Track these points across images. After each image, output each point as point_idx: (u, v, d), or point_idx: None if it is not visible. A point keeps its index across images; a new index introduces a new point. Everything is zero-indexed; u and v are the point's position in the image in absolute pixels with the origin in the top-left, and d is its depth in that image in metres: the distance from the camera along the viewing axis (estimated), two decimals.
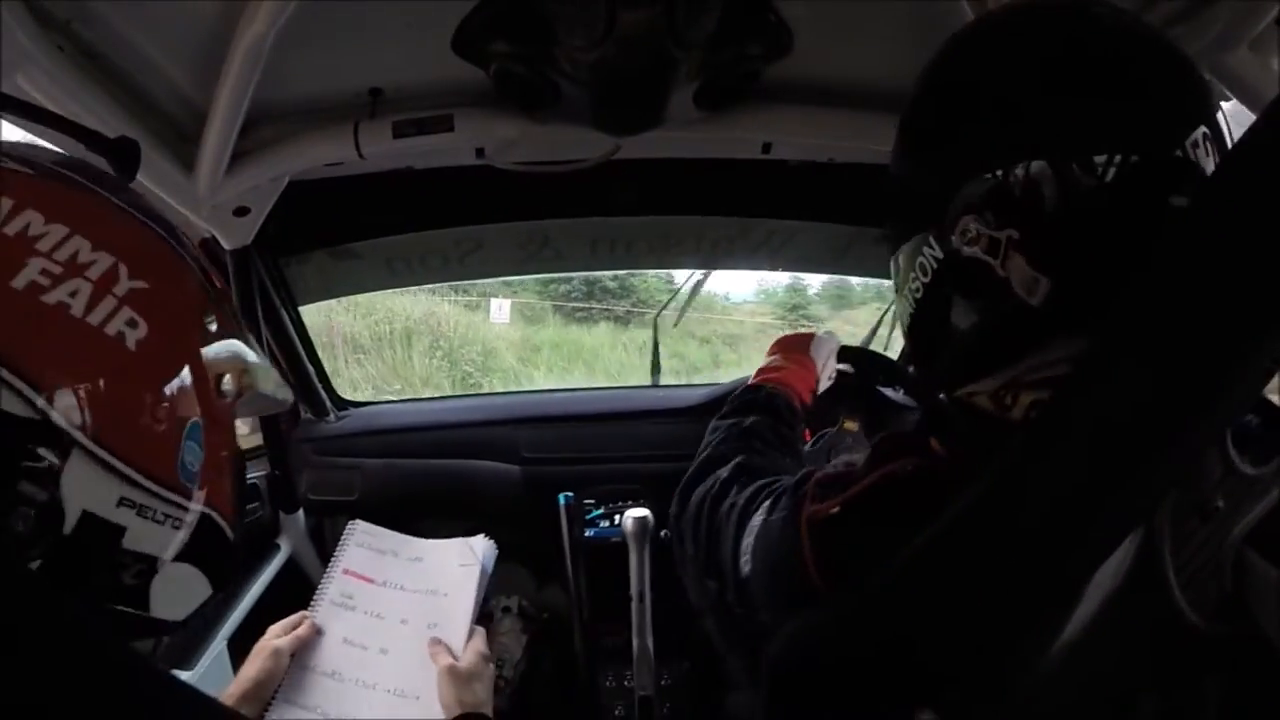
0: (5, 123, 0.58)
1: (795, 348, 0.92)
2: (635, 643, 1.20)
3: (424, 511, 1.47)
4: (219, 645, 1.14)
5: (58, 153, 0.44)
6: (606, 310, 7.23)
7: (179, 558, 0.41)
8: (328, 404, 1.56)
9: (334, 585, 0.85)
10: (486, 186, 1.19)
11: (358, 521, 0.91)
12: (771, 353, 0.93)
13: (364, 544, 0.89)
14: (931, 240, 0.49)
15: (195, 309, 0.44)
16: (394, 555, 0.88)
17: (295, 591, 1.37)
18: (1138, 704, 0.41)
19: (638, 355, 6.07)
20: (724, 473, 0.69)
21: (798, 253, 1.51)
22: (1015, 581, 0.40)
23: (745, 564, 0.57)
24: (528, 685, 1.44)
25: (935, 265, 0.49)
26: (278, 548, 1.41)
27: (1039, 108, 0.45)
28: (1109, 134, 0.43)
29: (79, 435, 0.35)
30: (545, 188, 1.17)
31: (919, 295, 0.51)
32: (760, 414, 0.79)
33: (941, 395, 0.54)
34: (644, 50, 0.80)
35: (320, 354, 1.55)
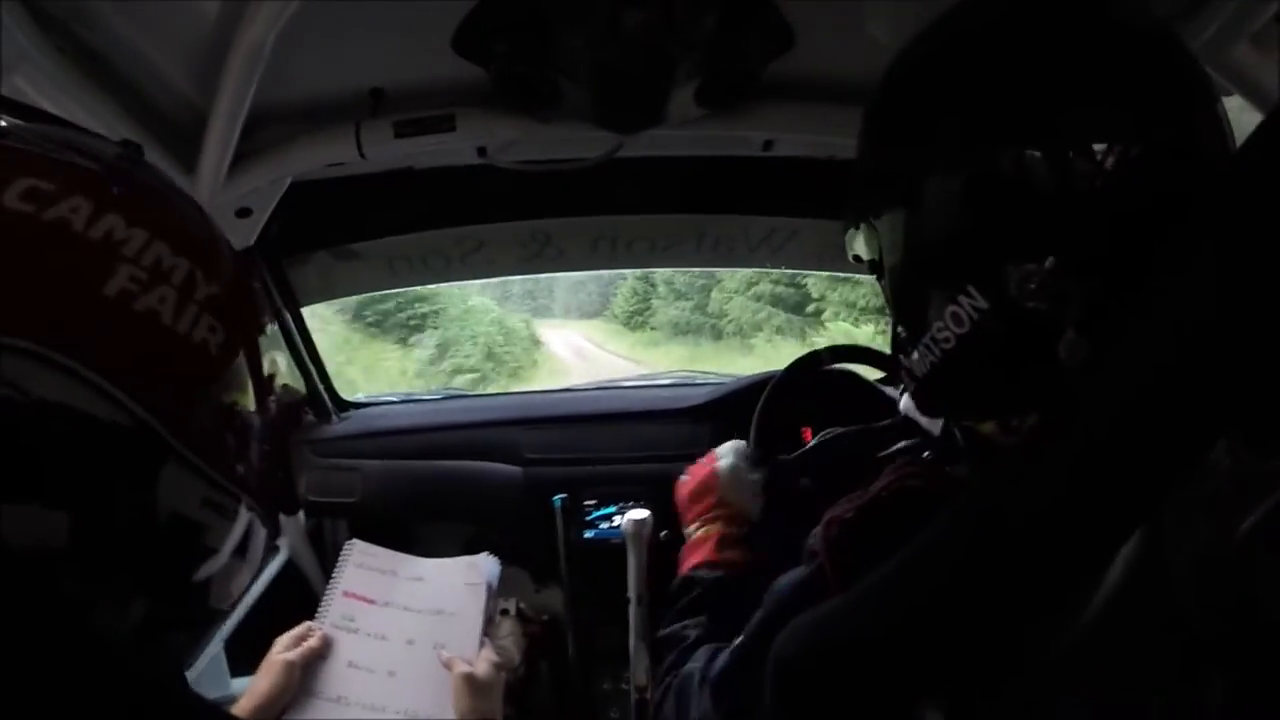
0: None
1: (705, 501, 0.83)
2: (632, 645, 1.19)
3: (425, 514, 1.47)
4: (216, 646, 1.14)
5: (109, 139, 0.43)
6: None
7: (234, 551, 0.42)
8: (329, 406, 1.56)
9: (334, 608, 0.83)
10: (488, 186, 1.19)
11: (355, 541, 0.90)
12: (687, 519, 0.84)
13: (363, 564, 0.87)
14: (972, 290, 0.46)
15: (258, 311, 0.45)
16: (394, 575, 0.87)
17: (293, 593, 1.37)
18: (1143, 702, 0.41)
19: None
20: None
21: (799, 251, 1.50)
22: (1017, 581, 0.40)
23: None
24: (526, 687, 1.43)
25: (976, 316, 0.46)
26: (276, 549, 1.41)
27: (1025, 94, 0.44)
28: (1112, 130, 0.43)
29: (173, 440, 0.36)
30: (547, 187, 1.17)
31: (949, 346, 0.48)
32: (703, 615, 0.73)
33: (954, 427, 0.54)
34: (645, 49, 0.80)
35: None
